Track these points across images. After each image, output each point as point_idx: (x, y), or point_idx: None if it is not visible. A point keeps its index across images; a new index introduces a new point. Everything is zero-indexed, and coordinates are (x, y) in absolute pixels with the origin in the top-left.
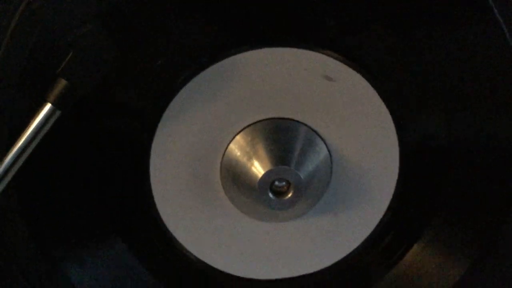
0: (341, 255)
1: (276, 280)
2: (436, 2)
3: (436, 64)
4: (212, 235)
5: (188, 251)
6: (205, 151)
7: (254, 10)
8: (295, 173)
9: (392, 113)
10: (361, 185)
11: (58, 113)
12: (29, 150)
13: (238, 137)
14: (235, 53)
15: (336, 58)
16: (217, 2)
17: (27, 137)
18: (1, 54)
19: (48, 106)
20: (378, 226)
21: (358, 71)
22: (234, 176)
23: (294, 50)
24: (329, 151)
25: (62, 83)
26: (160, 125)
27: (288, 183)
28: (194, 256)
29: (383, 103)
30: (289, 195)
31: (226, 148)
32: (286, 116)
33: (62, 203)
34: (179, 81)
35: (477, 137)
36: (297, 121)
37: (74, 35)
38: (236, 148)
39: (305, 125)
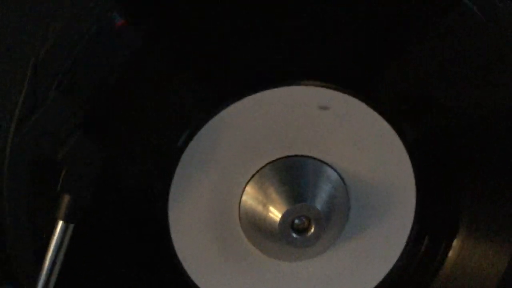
0: (376, 281)
1: None
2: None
3: (429, 65)
4: (238, 281)
5: None
6: (220, 207)
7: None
8: (311, 207)
9: (396, 129)
10: (381, 206)
11: (71, 226)
12: (57, 268)
13: (247, 188)
14: (222, 108)
15: (328, 87)
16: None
17: (51, 257)
18: (5, 187)
19: (60, 224)
20: (407, 242)
21: (354, 96)
22: (254, 226)
23: (285, 88)
24: (341, 177)
25: (65, 198)
26: (172, 188)
27: (308, 218)
28: None
29: (385, 122)
30: (312, 229)
31: (240, 202)
32: (290, 154)
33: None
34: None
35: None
36: (302, 156)
37: (62, 152)
38: (249, 199)
39: (310, 157)
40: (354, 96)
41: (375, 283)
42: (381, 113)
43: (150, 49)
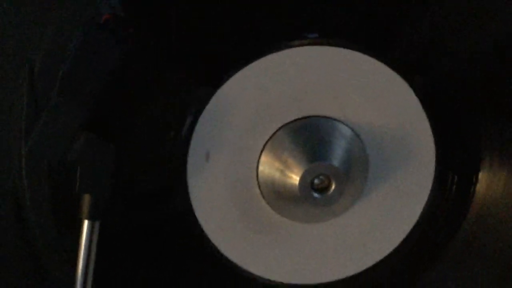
0: (407, 229)
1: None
2: None
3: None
4: (265, 248)
5: (240, 268)
6: (239, 180)
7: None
8: (329, 165)
9: (405, 78)
10: (400, 155)
11: (97, 223)
12: (91, 267)
13: (262, 158)
14: (225, 80)
15: (332, 45)
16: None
17: (83, 257)
18: (27, 198)
19: (86, 223)
20: (433, 185)
21: (359, 50)
22: (276, 193)
23: (288, 51)
24: (355, 132)
25: (86, 198)
26: (188, 166)
27: (327, 176)
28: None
29: (393, 71)
30: (333, 187)
31: (257, 172)
32: (299, 116)
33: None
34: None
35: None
36: (312, 116)
37: (73, 153)
38: (266, 168)
39: (321, 116)
40: (359, 50)
41: (408, 229)
42: (388, 64)
43: (144, 34)
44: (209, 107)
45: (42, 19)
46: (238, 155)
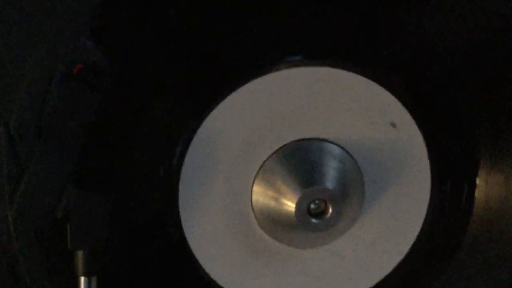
0: (410, 242)
1: None
2: None
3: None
4: (261, 275)
5: None
6: (234, 212)
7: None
8: (323, 188)
9: (389, 89)
10: (395, 167)
11: (94, 278)
12: None
13: (255, 188)
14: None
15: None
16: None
17: None
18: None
19: (82, 280)
20: (431, 193)
21: (374, 80)
22: (272, 222)
23: (264, 78)
24: (345, 150)
25: (79, 254)
26: (180, 201)
27: (323, 200)
28: None
29: (375, 84)
30: (330, 210)
31: (251, 202)
32: (287, 142)
33: None
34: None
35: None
36: (299, 140)
37: (61, 209)
38: (260, 197)
39: (308, 139)
40: (342, 68)
41: (410, 243)
42: (372, 78)
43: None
44: (197, 138)
45: (13, 75)
46: (230, 185)
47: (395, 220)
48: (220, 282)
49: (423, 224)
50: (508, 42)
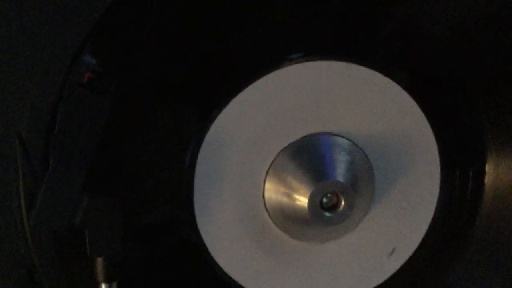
0: (422, 232)
1: None
2: None
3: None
4: (277, 271)
5: None
6: (247, 210)
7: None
8: (334, 182)
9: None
10: (404, 158)
11: (115, 284)
12: None
13: (267, 185)
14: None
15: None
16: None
17: None
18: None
19: (104, 286)
20: (441, 182)
21: (379, 71)
22: (286, 218)
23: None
24: (354, 143)
25: (98, 261)
26: (195, 198)
27: (335, 193)
28: None
29: (380, 75)
30: (342, 203)
31: (264, 200)
32: (296, 138)
33: None
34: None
35: None
36: (307, 136)
37: (78, 217)
38: (272, 194)
39: (316, 134)
40: (345, 61)
41: (422, 233)
42: (378, 69)
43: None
44: (206, 141)
45: (22, 87)
46: (243, 185)
47: (406, 210)
48: (238, 280)
49: (434, 213)
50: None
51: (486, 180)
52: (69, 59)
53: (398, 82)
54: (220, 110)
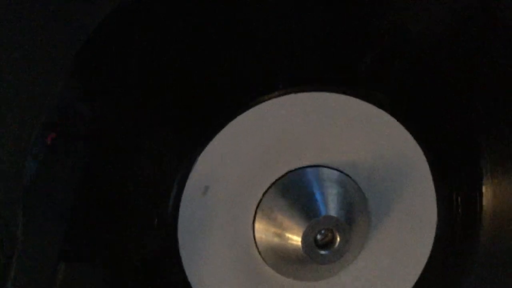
0: (424, 260)
1: None
2: None
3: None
4: None
5: None
6: (239, 254)
7: None
8: (328, 218)
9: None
10: (397, 186)
11: None
12: None
13: (256, 225)
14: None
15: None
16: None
17: None
18: None
19: None
20: (438, 208)
21: (362, 99)
22: (280, 258)
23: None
24: (344, 174)
25: None
26: (180, 241)
27: (330, 230)
28: None
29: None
30: (338, 239)
31: (255, 241)
32: (280, 175)
33: None
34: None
35: None
36: (293, 170)
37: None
38: (263, 235)
39: (303, 167)
40: (328, 91)
41: (424, 262)
42: (360, 97)
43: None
44: (190, 181)
45: None
46: (231, 227)
47: (405, 241)
48: None
49: (434, 239)
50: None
51: (484, 201)
52: (42, 103)
53: (384, 108)
54: (201, 149)
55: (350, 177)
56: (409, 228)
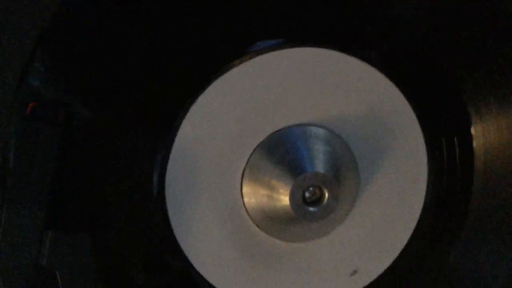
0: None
1: None
2: None
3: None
4: (268, 277)
5: None
6: (228, 216)
7: None
8: (314, 174)
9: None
10: (386, 141)
11: None
12: None
13: (244, 189)
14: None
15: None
16: None
17: None
18: None
19: None
20: (428, 160)
21: (351, 55)
22: (270, 220)
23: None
24: (330, 130)
25: None
26: (168, 206)
27: (317, 187)
28: None
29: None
30: (326, 196)
31: (244, 205)
32: (266, 135)
33: None
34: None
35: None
36: (279, 130)
37: (43, 257)
38: (251, 198)
39: (288, 127)
40: (308, 45)
41: (418, 211)
42: (349, 53)
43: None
44: (174, 153)
45: None
46: (219, 193)
47: (396, 196)
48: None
49: (427, 188)
50: None
51: (474, 144)
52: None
53: (373, 65)
54: (184, 114)
55: (338, 135)
56: (399, 186)
